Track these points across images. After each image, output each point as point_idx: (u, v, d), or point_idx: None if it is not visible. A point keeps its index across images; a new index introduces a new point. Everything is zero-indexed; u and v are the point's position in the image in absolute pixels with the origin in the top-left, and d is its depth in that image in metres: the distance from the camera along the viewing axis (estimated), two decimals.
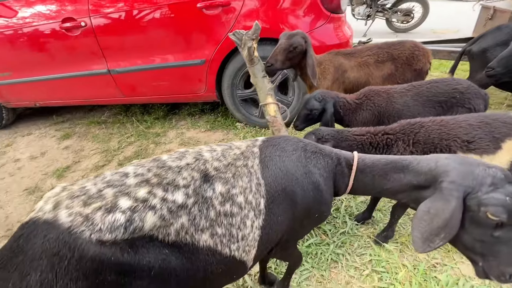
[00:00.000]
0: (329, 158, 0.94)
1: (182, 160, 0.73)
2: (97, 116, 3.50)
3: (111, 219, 0.56)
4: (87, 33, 2.44)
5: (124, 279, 0.55)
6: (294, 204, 0.85)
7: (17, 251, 0.53)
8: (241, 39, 1.53)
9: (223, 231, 0.68)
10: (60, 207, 0.57)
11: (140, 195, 0.61)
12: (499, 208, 0.65)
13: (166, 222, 0.61)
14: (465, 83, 1.50)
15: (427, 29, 6.28)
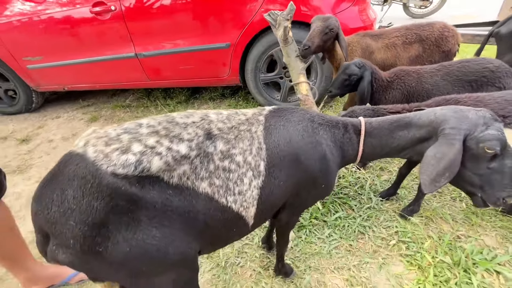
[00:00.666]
0: (336, 129, 0.99)
1: (189, 118, 0.82)
2: (121, 100, 3.62)
3: (124, 158, 0.68)
4: (116, 17, 2.52)
5: (132, 206, 0.67)
6: (299, 172, 0.91)
7: (58, 172, 0.68)
8: (276, 19, 1.58)
9: (220, 183, 0.78)
10: (89, 144, 0.70)
11: (150, 142, 0.72)
12: (494, 142, 0.80)
13: (170, 167, 0.72)
14: (496, 62, 1.53)
15: (447, 15, 6.11)
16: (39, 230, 0.70)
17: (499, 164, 0.83)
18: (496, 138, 0.80)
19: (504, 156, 0.83)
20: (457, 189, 1.77)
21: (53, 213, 0.64)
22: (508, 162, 0.82)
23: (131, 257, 0.68)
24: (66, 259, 0.67)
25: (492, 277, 1.30)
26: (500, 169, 0.83)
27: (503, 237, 1.47)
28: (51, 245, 0.68)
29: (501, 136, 0.81)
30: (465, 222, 1.57)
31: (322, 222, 1.66)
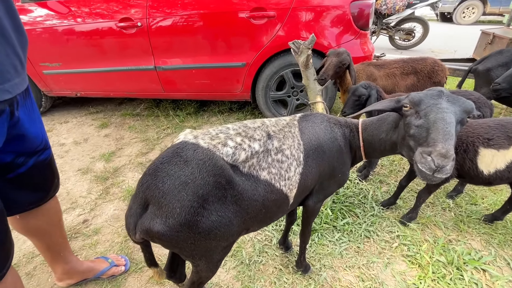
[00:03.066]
0: (345, 127, 1.22)
1: (255, 124, 1.06)
2: (130, 109, 3.73)
3: (226, 150, 0.89)
4: (141, 32, 2.71)
5: (227, 185, 0.86)
6: (323, 160, 1.12)
7: (175, 155, 0.85)
8: (299, 47, 1.84)
9: (276, 171, 0.99)
10: (198, 138, 0.91)
11: (238, 140, 0.94)
12: (407, 100, 0.96)
13: (247, 159, 0.93)
14: (476, 94, 1.86)
15: (426, 48, 6.80)
16: (143, 201, 0.84)
17: (421, 120, 0.91)
18: (410, 98, 0.95)
19: (420, 114, 0.92)
20: (446, 200, 2.04)
21: (169, 185, 0.80)
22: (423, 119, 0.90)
23: (214, 226, 0.85)
24: (160, 228, 0.80)
25: (479, 274, 1.53)
26: (419, 125, 0.91)
27: (487, 242, 1.72)
28: (150, 215, 0.82)
29: (415, 96, 0.94)
30: (455, 229, 1.82)
31: (332, 226, 1.86)
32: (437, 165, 0.80)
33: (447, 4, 10.30)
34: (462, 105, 0.92)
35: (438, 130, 0.85)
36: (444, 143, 0.82)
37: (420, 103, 0.94)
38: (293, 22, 2.55)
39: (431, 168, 0.81)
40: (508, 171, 1.44)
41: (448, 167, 0.80)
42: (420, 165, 0.85)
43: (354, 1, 2.46)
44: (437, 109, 0.90)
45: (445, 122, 0.86)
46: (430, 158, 0.82)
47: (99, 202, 2.12)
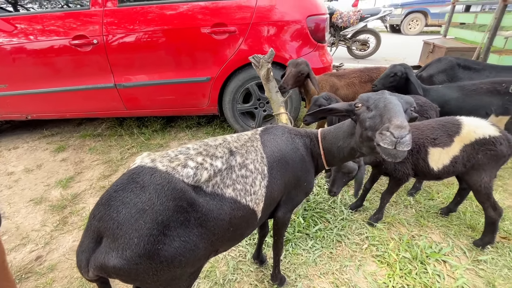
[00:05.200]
0: (306, 137, 1.26)
1: (217, 141, 1.07)
2: (90, 129, 3.51)
3: (186, 171, 0.87)
4: (97, 49, 2.60)
5: (189, 208, 0.84)
6: (287, 171, 1.15)
7: (131, 181, 0.81)
8: (259, 61, 1.89)
9: (241, 187, 0.99)
10: (156, 161, 0.88)
11: (199, 160, 0.93)
12: (357, 100, 1.03)
13: (210, 179, 0.92)
14: (423, 98, 2.04)
15: (380, 57, 7.38)
16: (95, 235, 0.77)
17: (371, 113, 0.96)
18: (360, 97, 1.02)
19: (371, 107, 0.97)
20: (408, 198, 2.18)
21: (124, 214, 0.75)
22: (374, 110, 0.95)
23: (178, 252, 0.81)
24: (117, 262, 0.74)
25: (441, 265, 1.64)
26: (374, 116, 0.94)
27: (444, 234, 1.85)
28: (104, 249, 0.75)
29: (364, 95, 1.01)
30: (417, 224, 1.94)
31: (305, 234, 1.88)
32: (396, 136, 0.82)
33: (395, 17, 11.36)
34: (404, 98, 1.00)
35: (389, 110, 0.90)
36: (397, 117, 0.86)
37: (369, 99, 1.00)
38: (255, 37, 2.63)
39: (392, 141, 0.83)
40: (452, 165, 1.58)
41: (407, 138, 0.82)
42: (382, 142, 0.86)
43: (310, 16, 2.60)
44: (384, 99, 0.96)
45: (393, 104, 0.92)
46: (389, 133, 0.84)
47: (55, 234, 1.93)
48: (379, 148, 0.89)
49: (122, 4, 2.56)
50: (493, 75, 2.31)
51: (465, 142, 1.54)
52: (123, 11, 2.56)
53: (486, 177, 1.58)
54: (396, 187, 1.81)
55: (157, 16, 2.57)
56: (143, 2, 2.59)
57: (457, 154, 1.55)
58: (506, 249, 1.71)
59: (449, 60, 2.53)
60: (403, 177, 1.69)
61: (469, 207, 2.06)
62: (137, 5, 2.57)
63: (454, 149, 1.56)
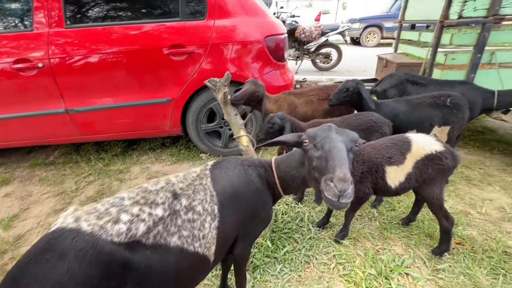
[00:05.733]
0: (260, 167, 1.23)
1: (158, 185, 0.98)
2: (41, 157, 3.21)
3: (117, 228, 0.78)
4: (43, 73, 2.40)
5: (123, 270, 0.75)
6: (241, 206, 1.10)
7: (47, 249, 0.70)
8: (216, 85, 1.86)
9: (188, 233, 0.91)
10: (81, 220, 0.78)
11: (134, 211, 0.85)
12: (305, 135, 1.04)
13: (149, 230, 0.83)
14: (376, 115, 2.14)
15: (343, 68, 7.79)
16: None
17: (319, 152, 0.98)
18: (307, 133, 1.04)
19: (318, 146, 0.99)
20: (372, 210, 2.23)
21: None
22: (320, 150, 0.98)
23: None
24: None
25: (404, 278, 1.67)
26: (322, 156, 0.97)
27: (406, 245, 1.91)
28: None
29: (311, 133, 1.03)
30: (380, 237, 1.98)
31: (273, 259, 1.83)
32: (339, 189, 0.85)
33: (355, 31, 12.15)
34: (349, 135, 1.04)
35: (334, 158, 0.92)
36: (341, 168, 0.89)
37: (316, 137, 1.02)
38: (215, 57, 2.61)
39: (335, 194, 0.86)
40: (407, 181, 1.65)
41: (349, 191, 0.86)
42: (326, 193, 0.89)
43: (268, 36, 2.65)
44: (329, 140, 0.99)
45: (338, 150, 0.95)
46: (332, 184, 0.87)
47: None
48: (323, 195, 0.92)
49: (70, 25, 2.41)
50: (437, 89, 2.51)
51: (416, 158, 1.62)
52: (72, 32, 2.41)
53: (437, 190, 1.66)
54: (358, 205, 1.85)
55: (110, 38, 2.46)
56: (94, 24, 2.47)
57: (411, 170, 1.62)
58: (461, 255, 1.80)
59: (399, 76, 2.71)
60: (364, 196, 1.73)
61: (426, 215, 2.16)
62: (87, 26, 2.44)
63: (407, 166, 1.63)
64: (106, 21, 2.51)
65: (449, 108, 2.21)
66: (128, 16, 2.56)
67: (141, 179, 2.74)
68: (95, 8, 2.53)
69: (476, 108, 2.42)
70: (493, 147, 3.13)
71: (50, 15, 2.35)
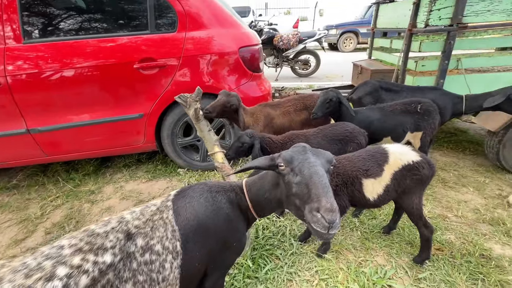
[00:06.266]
0: (230, 191, 1.14)
1: (108, 225, 0.86)
2: (3, 181, 2.96)
3: (50, 286, 0.66)
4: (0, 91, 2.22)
5: None
6: (209, 238, 1.01)
7: None
8: (186, 101, 1.78)
9: (144, 278, 0.82)
10: (3, 281, 0.65)
11: (75, 262, 0.72)
12: (280, 159, 0.97)
13: (95, 281, 0.72)
14: (352, 125, 2.14)
15: (322, 74, 7.93)
16: None
17: (298, 177, 0.92)
18: (282, 157, 0.97)
19: (296, 171, 0.94)
20: (353, 220, 2.21)
21: None
22: (299, 175, 0.92)
23: None
24: None
25: None
26: (298, 182, 0.91)
27: (388, 254, 1.90)
28: None
29: (286, 155, 0.97)
30: (363, 248, 1.96)
31: (254, 279, 1.75)
32: (329, 221, 0.81)
33: (332, 37, 12.49)
34: (324, 156, 0.99)
35: (317, 185, 0.88)
36: (326, 196, 0.85)
37: (292, 160, 0.96)
38: (189, 70, 2.53)
39: (325, 226, 0.82)
40: (386, 193, 1.64)
41: (337, 221, 0.82)
42: (314, 225, 0.85)
43: (242, 47, 2.61)
44: (308, 164, 0.93)
45: (319, 176, 0.90)
46: (320, 215, 0.83)
47: None
48: (310, 227, 0.87)
49: (28, 40, 2.25)
50: (410, 96, 2.57)
51: (394, 169, 1.61)
52: (31, 48, 2.25)
53: (416, 199, 1.66)
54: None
55: (75, 52, 2.32)
56: (56, 38, 2.32)
57: (389, 182, 1.61)
58: (441, 261, 1.81)
59: (373, 83, 2.75)
60: (342, 209, 1.69)
61: (406, 221, 2.17)
62: (48, 41, 2.29)
63: (385, 178, 1.62)
64: (70, 35, 2.38)
65: (420, 114, 2.27)
66: (94, 29, 2.44)
67: (114, 199, 2.58)
68: (57, 20, 2.39)
69: (446, 113, 2.49)
70: (465, 147, 3.25)
71: (5, 29, 2.19)
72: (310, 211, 0.86)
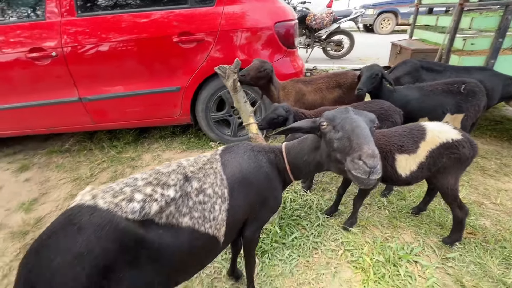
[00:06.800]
0: (270, 153, 1.23)
1: (170, 167, 1.01)
2: (57, 145, 3.32)
3: (131, 206, 0.81)
4: (57, 62, 2.45)
5: (137, 246, 0.79)
6: (251, 190, 1.11)
7: (67, 223, 0.75)
8: (225, 72, 1.85)
9: (199, 214, 0.94)
10: (97, 198, 0.82)
11: (147, 191, 0.87)
12: (323, 118, 1.02)
13: (162, 210, 0.86)
14: (387, 103, 2.09)
15: (355, 57, 7.57)
16: (28, 287, 0.70)
17: (340, 133, 0.96)
18: (325, 116, 1.02)
19: (338, 128, 0.98)
20: (381, 199, 2.22)
21: (58, 262, 0.68)
22: (341, 131, 0.96)
23: None
24: None
25: (412, 266, 1.67)
26: (342, 136, 0.95)
27: (416, 233, 1.90)
28: None
29: (329, 114, 1.02)
30: (390, 226, 1.97)
31: (281, 244, 1.86)
32: (370, 166, 0.84)
33: (368, 17, 11.71)
34: (367, 116, 1.02)
35: (359, 136, 0.91)
36: (368, 144, 0.88)
37: (335, 118, 1.00)
38: (225, 44, 2.59)
39: (366, 171, 0.85)
40: (420, 171, 1.62)
41: (378, 167, 0.85)
42: (355, 171, 0.88)
43: (277, 23, 2.60)
44: (350, 120, 0.97)
45: (361, 128, 0.93)
46: (361, 162, 0.86)
47: (15, 264, 1.79)
48: (350, 174, 0.90)
49: (81, 14, 2.43)
50: (454, 76, 2.42)
51: (431, 147, 1.58)
52: (83, 21, 2.43)
53: (452, 180, 1.62)
54: (365, 193, 1.83)
55: (120, 26, 2.47)
56: (104, 12, 2.48)
57: (424, 159, 1.59)
58: (473, 244, 1.78)
59: (413, 63, 2.61)
60: None
61: (438, 205, 2.13)
62: (97, 15, 2.45)
63: (420, 155, 1.60)
64: (115, 9, 2.52)
65: (463, 95, 2.13)
66: (137, 4, 2.56)
67: (152, 166, 2.80)
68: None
69: (495, 95, 2.32)
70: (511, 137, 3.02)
71: (62, 4, 2.37)
72: (351, 160, 0.89)
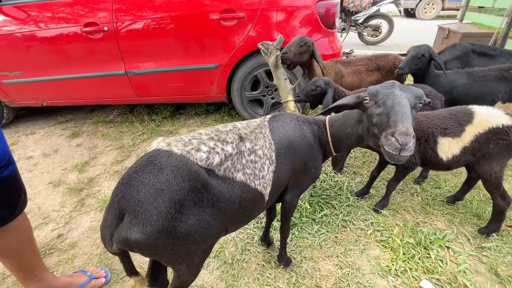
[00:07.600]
0: (314, 125, 1.28)
1: (227, 127, 1.11)
2: (102, 116, 3.60)
3: (199, 155, 0.93)
4: (108, 36, 2.63)
5: (203, 189, 0.89)
6: (295, 157, 1.18)
7: (149, 163, 0.87)
8: (268, 48, 1.89)
9: (251, 172, 1.03)
10: (172, 145, 0.94)
11: (211, 145, 0.98)
12: (366, 93, 1.05)
13: (221, 163, 0.96)
14: (428, 87, 2.01)
15: (392, 43, 7.16)
16: (118, 212, 0.83)
17: (380, 108, 0.99)
18: (368, 91, 1.05)
19: (379, 103, 1.00)
20: (414, 186, 2.19)
21: (144, 193, 0.81)
22: (382, 107, 0.99)
23: (193, 230, 0.87)
24: (138, 236, 0.80)
25: (444, 251, 1.67)
26: (383, 112, 0.98)
27: (449, 221, 1.87)
28: (126, 224, 0.81)
29: (373, 89, 1.04)
30: (422, 212, 1.96)
31: (311, 219, 1.93)
32: (401, 143, 0.87)
33: (410, 0, 10.88)
34: (413, 92, 1.02)
35: (396, 113, 0.94)
36: (403, 122, 0.91)
37: (378, 94, 1.02)
38: (264, 23, 2.60)
39: (397, 147, 0.88)
40: (462, 155, 1.58)
41: (410, 144, 0.88)
42: (387, 147, 0.91)
43: (320, 1, 2.55)
44: (393, 96, 0.99)
45: (400, 105, 0.95)
46: (394, 139, 0.89)
47: (74, 214, 2.05)
48: (383, 150, 0.95)
49: None
50: (510, 62, 2.24)
51: (478, 131, 1.52)
52: None
53: (497, 167, 1.57)
54: (402, 175, 1.82)
55: (165, 3, 2.57)
56: None
57: (468, 144, 1.55)
58: (511, 237, 1.73)
59: (464, 46, 2.45)
60: (410, 166, 1.70)
61: (476, 195, 2.06)
62: None
63: (465, 139, 1.55)
64: None
65: None
66: None
67: None
68: None
69: None
70: None
71: None
72: (385, 136, 0.93)
